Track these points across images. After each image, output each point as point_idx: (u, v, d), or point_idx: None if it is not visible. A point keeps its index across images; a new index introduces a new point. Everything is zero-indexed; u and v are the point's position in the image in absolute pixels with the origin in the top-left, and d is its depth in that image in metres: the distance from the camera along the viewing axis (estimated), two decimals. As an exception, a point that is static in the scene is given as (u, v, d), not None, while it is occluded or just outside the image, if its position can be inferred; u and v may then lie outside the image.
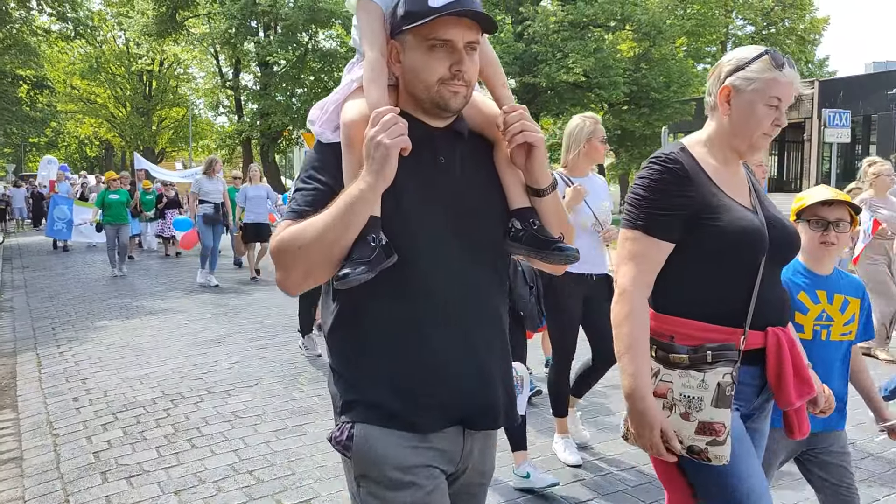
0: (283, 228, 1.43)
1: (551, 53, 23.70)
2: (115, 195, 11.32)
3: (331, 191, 1.42)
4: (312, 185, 1.46)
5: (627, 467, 3.58)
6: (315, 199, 1.43)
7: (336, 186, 1.42)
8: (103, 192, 11.43)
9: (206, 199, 10.00)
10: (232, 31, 27.80)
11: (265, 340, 6.47)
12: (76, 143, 49.05)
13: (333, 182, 1.43)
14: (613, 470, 3.56)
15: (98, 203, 11.34)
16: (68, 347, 6.37)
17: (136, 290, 9.72)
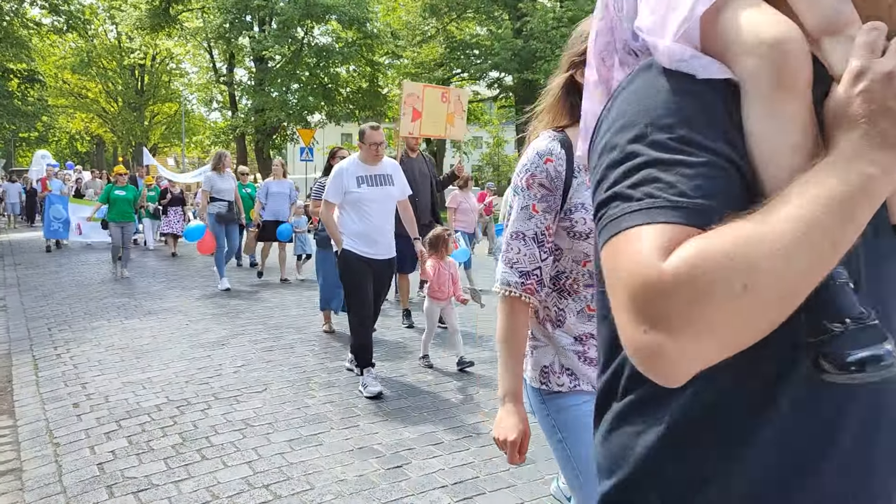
0: (671, 242, 0.69)
1: (550, 50, 23.50)
2: (121, 191, 10.80)
3: (738, 172, 0.75)
4: (705, 156, 0.74)
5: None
6: (722, 185, 0.73)
7: (742, 163, 0.75)
8: (109, 187, 10.89)
9: (218, 196, 9.41)
10: (226, 26, 27.50)
11: (270, 343, 6.27)
12: (67, 138, 48.55)
13: (737, 155, 0.75)
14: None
15: (103, 198, 10.86)
16: (66, 349, 6.15)
17: (134, 289, 9.48)
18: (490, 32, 25.63)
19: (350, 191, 4.72)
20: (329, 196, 4.79)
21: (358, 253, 4.71)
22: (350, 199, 4.73)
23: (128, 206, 10.79)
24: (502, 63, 24.27)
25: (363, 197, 4.72)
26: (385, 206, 4.84)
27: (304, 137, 26.71)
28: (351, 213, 4.76)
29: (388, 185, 4.86)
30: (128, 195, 10.84)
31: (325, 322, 6.82)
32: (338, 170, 4.78)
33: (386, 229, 4.84)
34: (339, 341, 6.31)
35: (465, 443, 3.82)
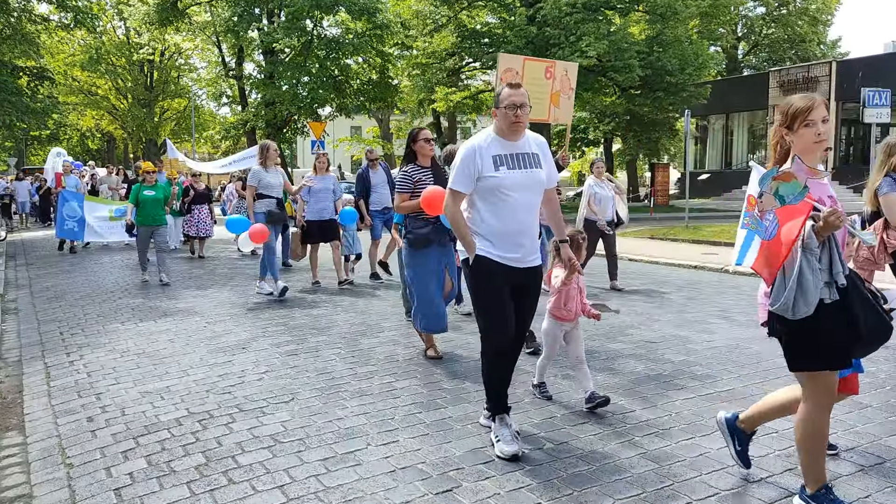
0: None
1: (564, 37, 23.02)
2: (150, 191, 9.69)
3: None
4: None
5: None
6: None
7: None
8: (137, 187, 9.80)
9: (266, 192, 8.31)
10: (235, 19, 27.14)
11: (293, 345, 5.92)
12: (78, 135, 48.47)
13: None
14: None
15: (132, 199, 9.76)
16: (79, 356, 5.83)
17: (148, 290, 9.17)
18: (502, 20, 25.12)
19: (485, 176, 3.55)
20: (457, 184, 3.61)
21: (496, 259, 3.57)
22: (485, 186, 3.58)
23: (159, 208, 9.79)
24: (516, 51, 23.75)
25: (503, 183, 3.54)
26: (531, 197, 3.64)
27: (315, 130, 26.43)
28: (484, 206, 3.62)
29: (535, 166, 3.63)
30: (157, 195, 9.77)
31: (428, 346, 5.52)
32: (470, 149, 3.60)
33: (532, 227, 3.68)
34: (367, 343, 5.96)
35: (518, 461, 3.46)
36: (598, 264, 9.02)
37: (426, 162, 5.44)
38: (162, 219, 9.87)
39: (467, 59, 28.39)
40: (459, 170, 3.60)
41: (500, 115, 3.59)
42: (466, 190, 3.62)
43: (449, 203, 3.67)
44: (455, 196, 3.65)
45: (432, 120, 36.89)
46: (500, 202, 3.57)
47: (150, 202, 9.65)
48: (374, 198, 9.26)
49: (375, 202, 9.27)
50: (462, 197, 3.65)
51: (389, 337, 6.17)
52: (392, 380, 4.86)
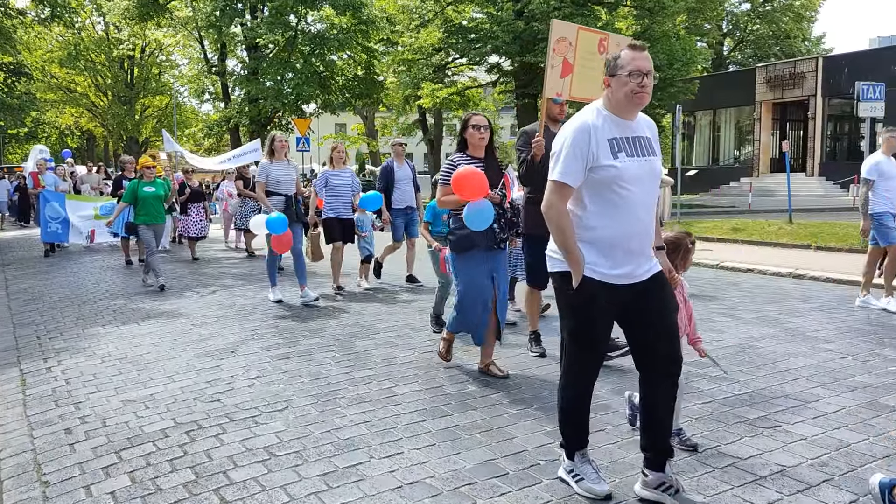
0: None
1: (552, 31, 22.79)
2: (150, 187, 8.96)
3: None
4: None
5: None
6: None
7: None
8: (135, 184, 8.99)
9: (275, 189, 7.59)
10: (217, 14, 26.69)
11: (284, 349, 5.64)
12: (56, 133, 47.64)
13: None
14: None
15: (128, 197, 8.99)
16: (56, 361, 5.51)
17: (130, 291, 8.83)
18: (489, 16, 24.85)
19: (602, 164, 2.78)
20: (565, 173, 2.80)
21: (601, 279, 2.83)
22: (598, 179, 2.80)
23: (159, 205, 9.09)
24: (503, 46, 23.53)
25: (622, 175, 2.78)
26: (650, 192, 2.90)
27: (300, 127, 26.05)
28: (595, 205, 2.84)
29: (651, 154, 2.90)
30: (158, 191, 9.04)
31: (444, 346, 5.01)
32: (583, 127, 2.80)
33: (650, 231, 2.94)
34: (363, 346, 5.69)
35: (534, 474, 3.21)
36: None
37: (478, 152, 4.69)
38: (163, 216, 9.28)
39: (454, 55, 28.10)
40: (570, 155, 2.80)
41: (617, 84, 2.80)
42: (576, 182, 2.81)
43: (554, 201, 2.84)
44: (562, 191, 2.83)
45: (418, 117, 36.61)
46: (618, 199, 2.80)
47: (151, 199, 8.95)
48: (397, 195, 8.61)
49: (398, 200, 8.63)
50: (570, 192, 2.84)
51: (385, 339, 5.90)
52: (391, 385, 4.60)
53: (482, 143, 4.65)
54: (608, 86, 2.86)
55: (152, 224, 9.01)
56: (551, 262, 3.00)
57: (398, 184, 8.63)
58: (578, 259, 2.81)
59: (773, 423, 3.77)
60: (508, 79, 28.49)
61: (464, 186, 4.35)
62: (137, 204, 8.88)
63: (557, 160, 2.85)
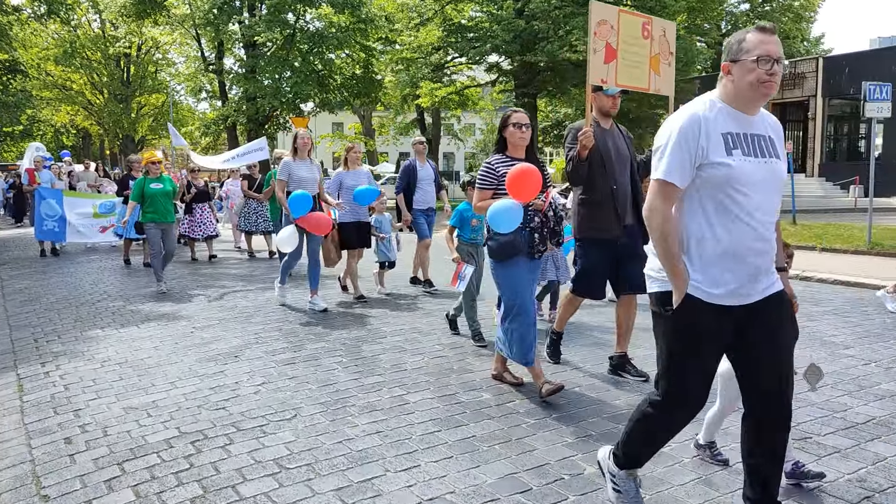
0: None
1: (553, 30, 22.68)
2: (157, 184, 8.58)
3: None
4: None
5: None
6: None
7: None
8: (142, 181, 8.62)
9: (298, 189, 7.08)
10: (215, 11, 26.48)
11: (290, 353, 5.48)
12: (52, 131, 47.30)
13: None
14: None
15: (136, 195, 8.56)
16: (55, 366, 5.35)
17: (129, 292, 8.66)
18: (490, 15, 24.72)
19: (712, 161, 2.40)
20: (670, 171, 2.42)
21: (707, 299, 2.45)
22: (709, 179, 2.42)
23: (168, 202, 8.65)
24: (503, 45, 23.41)
25: (736, 176, 2.39)
26: (772, 199, 2.48)
27: (298, 126, 25.86)
28: (703, 211, 2.45)
29: (772, 155, 2.49)
30: (166, 188, 8.62)
31: (500, 369, 4.62)
32: (692, 118, 2.42)
33: (770, 245, 2.50)
34: (370, 350, 5.53)
35: (559, 490, 3.06)
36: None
37: (518, 153, 4.33)
38: (172, 215, 8.77)
39: (453, 54, 27.98)
40: (676, 149, 2.41)
41: (740, 71, 2.41)
42: (684, 181, 2.43)
43: (657, 204, 2.44)
44: (666, 191, 2.43)
45: (416, 116, 36.47)
46: (731, 204, 2.40)
47: (160, 196, 8.54)
48: (419, 195, 8.36)
49: (420, 200, 8.38)
50: (676, 193, 2.45)
51: (393, 343, 5.75)
52: (402, 392, 4.44)
53: (523, 142, 4.29)
54: (727, 73, 2.47)
55: (160, 223, 8.57)
56: (650, 281, 2.64)
57: (420, 183, 8.37)
58: (682, 272, 2.45)
59: (804, 434, 3.63)
60: (508, 78, 28.38)
61: (521, 187, 3.94)
62: (145, 201, 8.51)
63: (661, 156, 2.46)
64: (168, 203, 8.65)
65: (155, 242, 8.56)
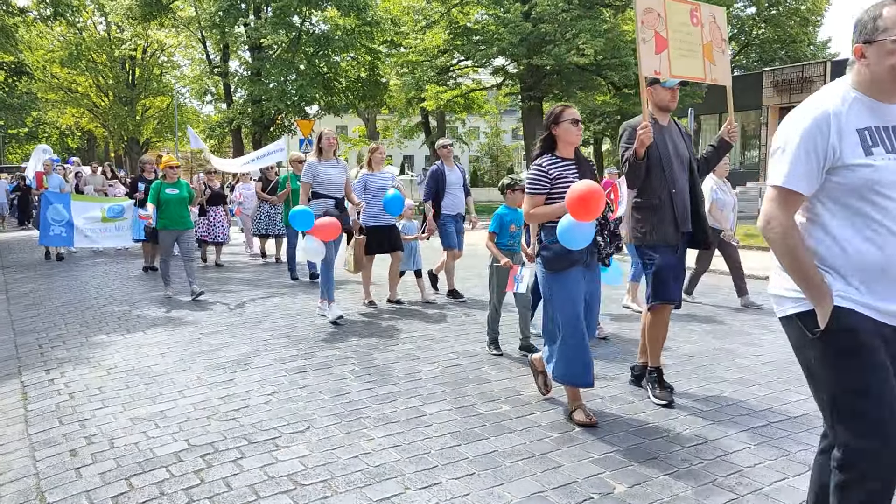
0: None
1: (560, 33, 22.55)
2: (173, 189, 8.31)
3: None
4: None
5: None
6: None
7: None
8: (158, 185, 8.31)
9: (324, 191, 6.81)
10: (221, 14, 26.44)
11: (300, 361, 5.34)
12: (57, 134, 47.32)
13: None
14: None
15: (152, 199, 8.23)
16: (60, 373, 5.22)
17: (134, 296, 8.54)
18: (496, 17, 24.59)
19: (848, 164, 2.07)
20: (789, 177, 2.10)
21: (870, 315, 2.08)
22: (845, 184, 2.08)
23: (184, 209, 8.39)
24: (509, 48, 23.27)
25: (880, 178, 2.05)
26: None
27: (303, 129, 25.74)
28: (841, 219, 2.11)
29: None
30: (182, 193, 8.36)
31: (574, 406, 3.99)
32: (814, 113, 2.08)
33: None
34: (382, 358, 5.39)
35: (589, 509, 2.92)
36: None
37: (569, 153, 3.95)
38: (188, 221, 8.47)
39: (458, 57, 27.87)
40: (798, 151, 2.09)
41: (877, 53, 2.06)
42: (810, 188, 2.11)
43: (775, 214, 2.12)
44: (787, 200, 2.12)
45: (421, 119, 36.36)
46: (876, 212, 2.05)
47: (175, 202, 8.26)
48: (448, 200, 7.79)
49: (449, 205, 7.81)
50: (799, 202, 2.15)
51: (406, 351, 5.61)
52: (419, 403, 4.30)
53: (578, 140, 3.95)
54: (860, 56, 2.10)
55: (174, 229, 8.31)
56: (780, 302, 2.23)
57: (449, 188, 7.81)
58: (820, 284, 2.07)
59: None
60: (514, 81, 28.24)
61: (583, 208, 3.56)
62: (160, 207, 8.20)
63: (782, 159, 2.12)
64: (183, 210, 8.34)
65: (166, 248, 8.44)
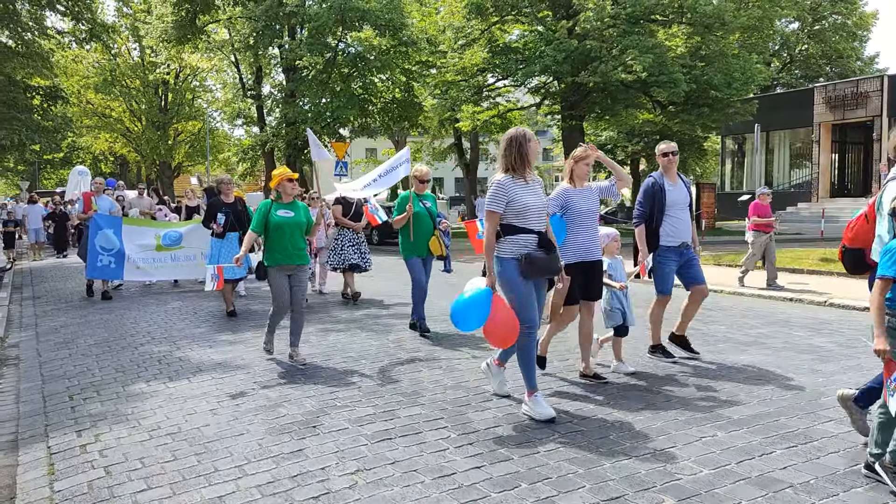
0: None
1: (606, 50, 21.65)
2: (287, 211, 6.00)
3: None
4: None
5: None
6: None
7: None
8: (266, 205, 6.03)
9: (524, 222, 4.31)
10: (255, 35, 26.07)
11: (381, 422, 4.40)
12: (90, 158, 47.51)
13: None
14: None
15: (258, 225, 5.95)
16: (93, 435, 4.35)
17: (174, 332, 7.70)
18: (538, 34, 23.80)
19: None
20: None
21: None
22: None
23: (300, 239, 6.05)
24: (553, 66, 22.40)
25: None
26: None
27: (338, 151, 25.16)
28: None
29: None
30: (299, 217, 6.03)
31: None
32: None
33: None
34: (480, 420, 4.43)
35: None
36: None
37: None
38: (304, 255, 6.13)
39: (496, 76, 27.11)
40: None
41: None
42: None
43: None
44: None
45: (454, 140, 35.63)
46: None
47: (289, 228, 5.94)
48: (668, 226, 5.82)
49: (670, 233, 5.82)
50: None
51: (506, 411, 4.62)
52: (552, 492, 3.33)
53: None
54: None
55: (287, 265, 5.96)
56: None
57: (670, 210, 5.77)
58: None
59: None
60: (554, 100, 27.38)
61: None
62: (269, 235, 5.96)
63: None
64: (299, 239, 6.04)
65: (281, 294, 5.96)
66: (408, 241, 7.19)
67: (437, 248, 7.19)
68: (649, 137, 30.31)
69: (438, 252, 7.23)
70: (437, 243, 7.18)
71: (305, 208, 6.22)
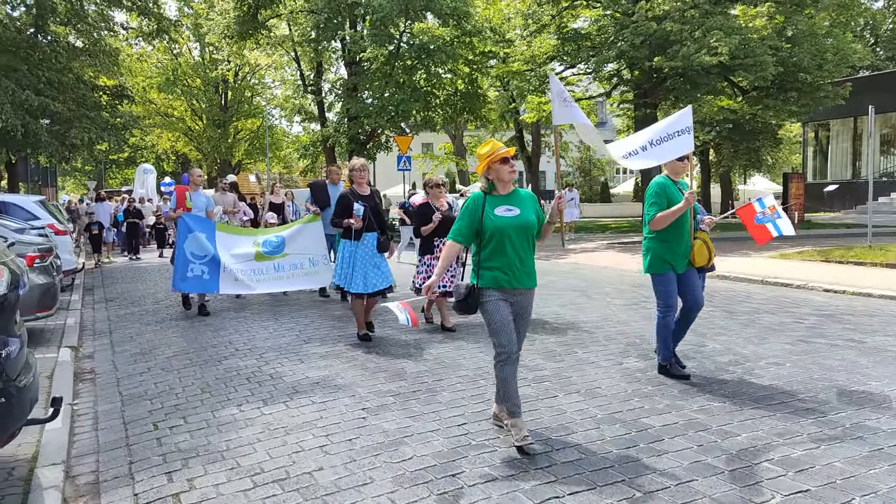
0: None
1: (687, 32, 20.27)
2: (508, 208, 4.04)
3: None
4: None
5: None
6: None
7: None
8: (477, 197, 4.08)
9: None
10: (319, 27, 25.59)
11: (523, 467, 3.54)
12: (153, 158, 48.27)
13: None
14: None
15: (465, 230, 4.09)
16: (186, 480, 3.62)
17: (258, 342, 7.00)
18: (613, 19, 22.54)
19: None
20: None
21: None
22: None
23: (528, 249, 4.09)
24: (630, 51, 21.13)
25: None
26: None
27: (402, 145, 24.48)
28: None
29: None
30: (525, 215, 4.06)
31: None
32: None
33: None
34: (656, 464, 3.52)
35: None
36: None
37: None
38: (533, 275, 4.07)
39: (565, 64, 25.94)
40: None
41: None
42: None
43: None
44: None
45: (515, 133, 34.58)
46: None
47: (513, 231, 3.97)
48: None
49: None
50: None
51: (685, 448, 3.71)
52: None
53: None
54: None
55: (512, 288, 3.97)
56: None
57: None
58: None
59: None
60: (627, 87, 26.07)
61: None
62: (484, 243, 4.02)
63: None
64: (528, 250, 4.06)
65: (503, 328, 3.91)
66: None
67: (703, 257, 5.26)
68: (721, 126, 28.67)
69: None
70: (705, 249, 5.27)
71: (533, 199, 4.16)
